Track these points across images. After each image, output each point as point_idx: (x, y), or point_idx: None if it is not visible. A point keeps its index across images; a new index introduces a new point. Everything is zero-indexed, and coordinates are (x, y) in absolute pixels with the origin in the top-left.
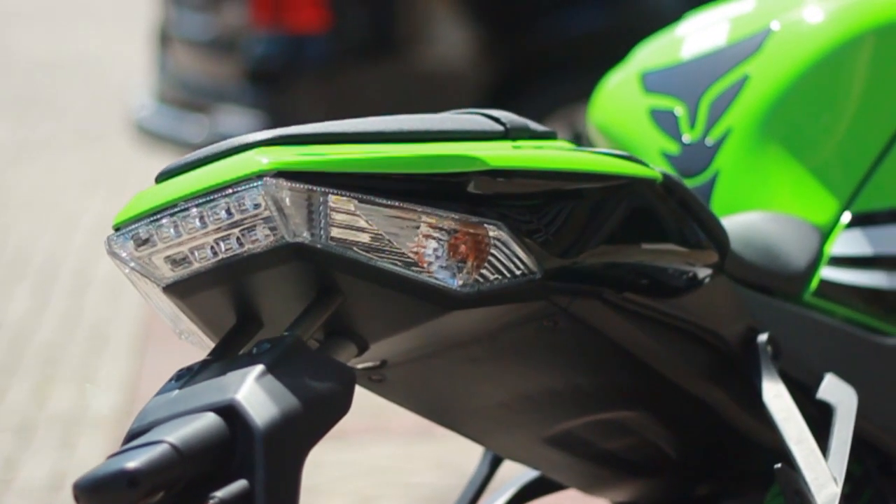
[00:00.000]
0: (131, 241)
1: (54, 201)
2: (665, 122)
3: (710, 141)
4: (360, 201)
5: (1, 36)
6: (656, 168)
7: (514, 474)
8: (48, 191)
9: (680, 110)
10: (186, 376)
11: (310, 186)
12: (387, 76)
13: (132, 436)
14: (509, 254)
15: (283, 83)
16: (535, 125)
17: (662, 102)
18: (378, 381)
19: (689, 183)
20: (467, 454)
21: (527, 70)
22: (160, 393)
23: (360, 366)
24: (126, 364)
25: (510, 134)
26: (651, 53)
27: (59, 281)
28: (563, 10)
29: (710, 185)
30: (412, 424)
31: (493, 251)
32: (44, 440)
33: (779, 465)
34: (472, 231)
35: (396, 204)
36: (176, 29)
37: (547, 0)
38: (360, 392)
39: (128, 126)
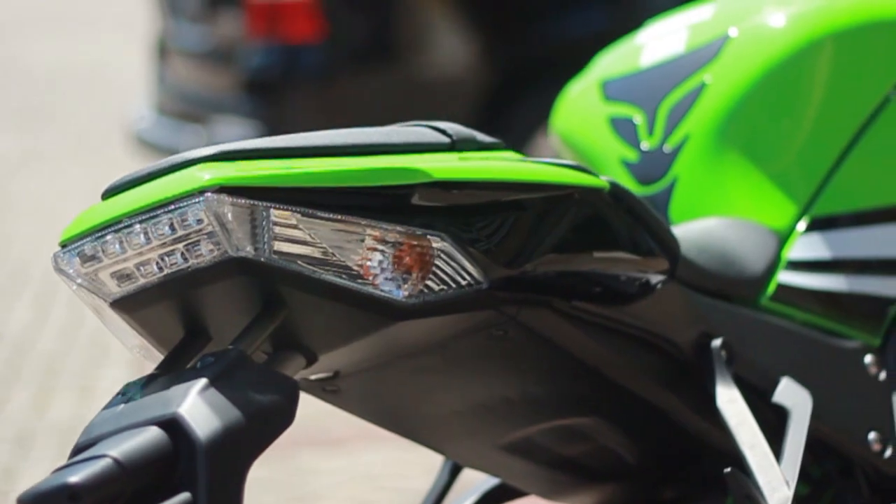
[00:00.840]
0: (77, 258)
1: (56, 211)
2: (624, 129)
3: (668, 148)
4: (304, 215)
5: (4, 46)
6: (603, 177)
7: (475, 482)
8: (50, 201)
9: (639, 118)
10: (133, 390)
11: (252, 201)
12: (383, 85)
13: (78, 450)
14: (454, 265)
15: (279, 93)
16: (482, 136)
17: (622, 110)
18: (333, 391)
19: (648, 190)
20: None
21: (523, 76)
22: (107, 407)
23: (313, 377)
24: (126, 374)
25: (457, 145)
26: (612, 61)
27: (60, 290)
28: (560, 15)
29: (669, 191)
30: None
31: (437, 262)
32: (43, 450)
33: (728, 470)
34: (415, 243)
35: (340, 217)
36: (174, 40)
37: (543, 4)
38: None
39: (127, 137)
